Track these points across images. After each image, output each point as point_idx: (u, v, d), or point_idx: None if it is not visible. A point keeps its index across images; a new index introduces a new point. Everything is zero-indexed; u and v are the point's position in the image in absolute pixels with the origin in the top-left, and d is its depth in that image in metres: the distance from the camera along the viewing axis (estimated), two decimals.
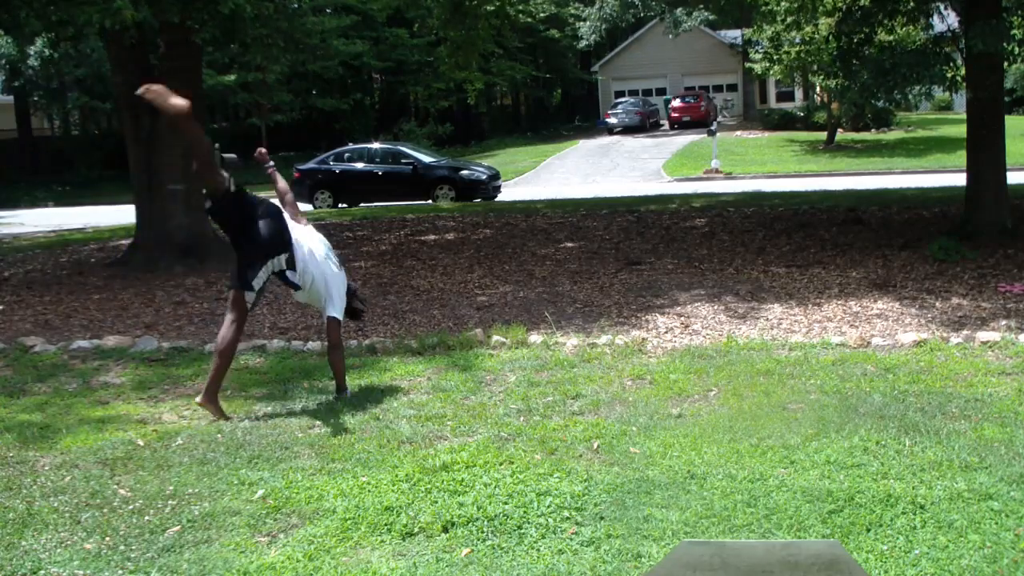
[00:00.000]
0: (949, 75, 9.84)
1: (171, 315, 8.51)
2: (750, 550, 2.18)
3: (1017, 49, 9.33)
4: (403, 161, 21.55)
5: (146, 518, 4.10)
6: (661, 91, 48.78)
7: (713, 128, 28.51)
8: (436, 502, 4.07)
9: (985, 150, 10.04)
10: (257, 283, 5.47)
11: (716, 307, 7.75)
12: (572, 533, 3.75)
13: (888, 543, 3.55)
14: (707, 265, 9.63)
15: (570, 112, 55.47)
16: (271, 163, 6.14)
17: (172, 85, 10.83)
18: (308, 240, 5.72)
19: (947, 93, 13.05)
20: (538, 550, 3.64)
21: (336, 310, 5.71)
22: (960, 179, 11.86)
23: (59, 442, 5.12)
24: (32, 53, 31.89)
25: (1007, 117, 11.97)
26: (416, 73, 41.35)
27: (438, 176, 21.10)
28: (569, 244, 11.44)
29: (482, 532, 3.79)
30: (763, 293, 8.21)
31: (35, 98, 37.45)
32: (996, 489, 3.95)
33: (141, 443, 5.04)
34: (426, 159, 21.94)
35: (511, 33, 25.53)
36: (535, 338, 6.90)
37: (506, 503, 4.01)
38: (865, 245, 10.31)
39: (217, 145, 18.51)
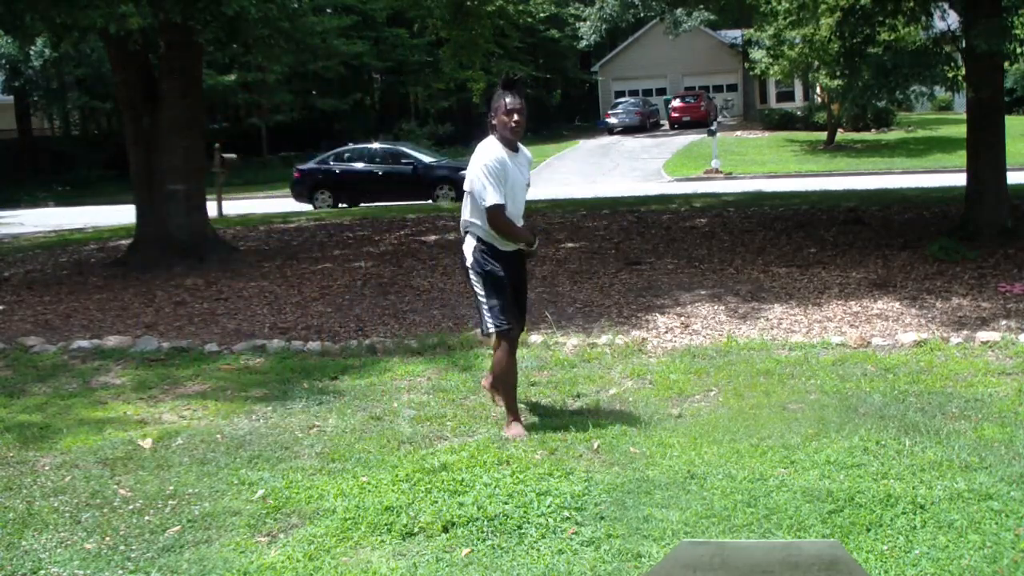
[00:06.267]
0: (950, 75, 9.84)
1: (171, 315, 8.50)
2: (750, 550, 2.18)
3: (1019, 48, 9.33)
4: (403, 161, 21.54)
5: (146, 518, 4.10)
6: (661, 91, 48.82)
7: (713, 128, 28.52)
8: (436, 502, 4.06)
9: (985, 150, 10.04)
10: None
11: (716, 307, 7.75)
12: (572, 533, 3.75)
13: (888, 543, 3.55)
14: (707, 265, 9.63)
15: (570, 112, 55.40)
16: None
17: (172, 85, 10.95)
18: None
19: (947, 93, 13.04)
20: (538, 550, 3.64)
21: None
22: (960, 179, 11.86)
23: (59, 442, 5.12)
24: (32, 53, 31.91)
25: (1007, 117, 11.97)
26: (416, 73, 41.34)
27: (438, 176, 21.10)
28: (569, 244, 11.43)
29: (482, 532, 3.79)
30: (763, 293, 8.21)
31: (35, 98, 37.47)
32: (996, 489, 3.95)
33: (141, 443, 5.04)
34: (426, 159, 21.93)
35: (513, 33, 25.55)
36: (535, 338, 6.90)
37: (506, 503, 4.01)
38: (865, 245, 10.31)
39: (217, 144, 18.56)
